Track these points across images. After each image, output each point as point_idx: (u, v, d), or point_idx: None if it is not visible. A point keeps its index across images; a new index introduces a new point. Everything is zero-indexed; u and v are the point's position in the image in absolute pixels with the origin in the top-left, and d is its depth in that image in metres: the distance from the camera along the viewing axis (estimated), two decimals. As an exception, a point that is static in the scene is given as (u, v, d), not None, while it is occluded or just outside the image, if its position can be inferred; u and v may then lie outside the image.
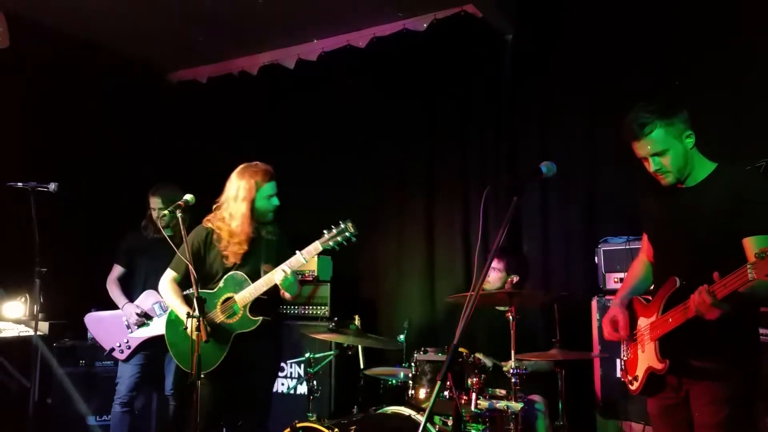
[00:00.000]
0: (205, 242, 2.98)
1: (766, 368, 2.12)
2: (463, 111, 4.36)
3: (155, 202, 3.77)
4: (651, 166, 2.09)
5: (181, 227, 2.71)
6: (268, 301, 2.86)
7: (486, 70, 4.27)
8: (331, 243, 2.68)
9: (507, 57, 4.22)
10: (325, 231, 2.81)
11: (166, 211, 2.79)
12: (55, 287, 3.74)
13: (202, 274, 2.93)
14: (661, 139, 2.03)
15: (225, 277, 2.93)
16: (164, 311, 3.64)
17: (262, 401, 2.94)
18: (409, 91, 4.54)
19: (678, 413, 2.11)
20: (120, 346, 3.69)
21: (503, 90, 4.22)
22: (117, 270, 3.85)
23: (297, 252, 2.78)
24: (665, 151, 2.05)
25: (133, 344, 3.67)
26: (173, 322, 3.01)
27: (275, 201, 2.98)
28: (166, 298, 3.06)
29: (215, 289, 2.94)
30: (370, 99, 4.69)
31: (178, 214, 2.71)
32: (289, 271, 2.72)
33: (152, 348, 3.70)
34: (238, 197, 2.91)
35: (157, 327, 3.66)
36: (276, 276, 2.75)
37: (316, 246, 2.72)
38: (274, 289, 2.84)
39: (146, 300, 3.72)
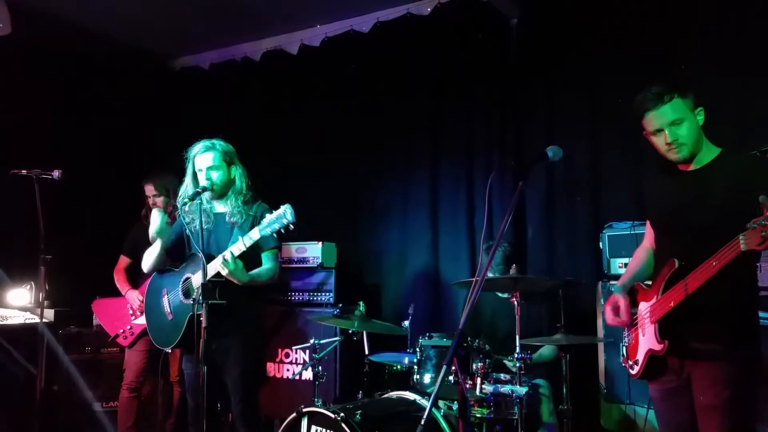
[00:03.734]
0: None
1: (766, 353, 2.13)
2: (467, 96, 4.33)
3: (149, 190, 3.80)
4: (667, 137, 2.08)
5: (200, 211, 2.70)
6: (226, 285, 2.74)
7: (491, 55, 4.23)
8: (268, 230, 2.60)
9: (512, 41, 4.17)
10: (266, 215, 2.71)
11: (186, 198, 2.75)
12: (60, 274, 3.75)
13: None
14: (679, 108, 2.06)
15: (190, 257, 2.93)
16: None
17: (240, 395, 2.84)
18: (414, 77, 4.51)
19: (680, 396, 2.12)
20: (123, 332, 3.73)
21: (508, 75, 4.18)
22: (123, 261, 3.89)
23: (239, 238, 2.71)
24: (682, 121, 2.06)
25: (136, 330, 3.70)
26: (152, 290, 3.04)
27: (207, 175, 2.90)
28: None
29: (179, 268, 2.96)
30: (373, 85, 4.65)
31: (196, 201, 2.71)
32: (229, 257, 2.65)
33: None
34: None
35: None
36: (217, 262, 2.68)
37: (255, 232, 2.65)
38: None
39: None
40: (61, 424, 3.91)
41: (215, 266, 2.68)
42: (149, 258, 2.97)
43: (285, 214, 2.57)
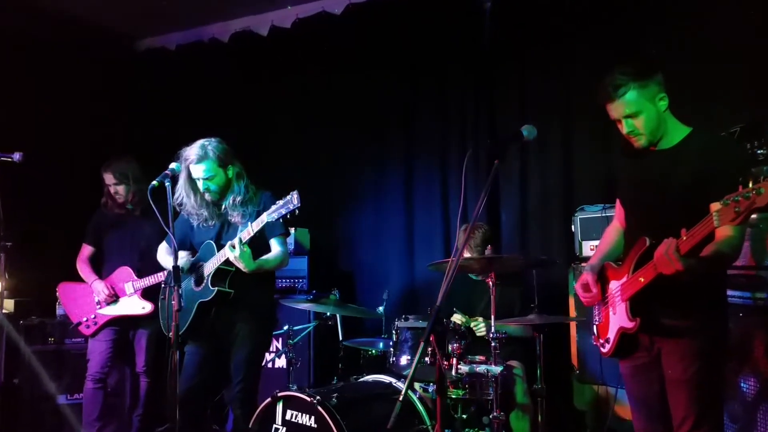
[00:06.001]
0: None
1: (734, 330, 2.19)
2: (441, 79, 4.32)
3: (108, 179, 3.69)
4: (624, 128, 2.11)
5: (170, 197, 2.67)
6: (237, 274, 2.81)
7: (464, 37, 4.21)
8: (275, 215, 2.64)
9: (486, 23, 4.16)
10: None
11: (155, 182, 2.68)
12: (20, 263, 3.62)
13: None
14: (634, 101, 2.05)
15: (203, 244, 2.96)
16: (135, 290, 3.57)
17: (242, 376, 2.87)
18: (387, 60, 4.47)
19: (650, 372, 2.15)
20: (87, 320, 3.63)
21: (482, 58, 4.17)
22: (86, 250, 3.78)
23: (248, 224, 2.78)
24: (638, 113, 2.06)
25: (100, 321, 3.61)
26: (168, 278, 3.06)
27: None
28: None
29: (194, 257, 3.00)
30: (346, 68, 4.60)
31: (166, 184, 2.67)
32: (236, 243, 2.69)
33: (121, 324, 3.65)
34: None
35: (125, 307, 3.61)
36: (226, 250, 2.73)
37: (263, 218, 2.70)
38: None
39: (119, 276, 3.65)
40: (23, 418, 3.79)
41: (224, 253, 2.73)
42: (162, 257, 3.13)
43: (292, 199, 2.61)
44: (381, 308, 3.63)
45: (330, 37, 4.62)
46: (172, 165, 2.78)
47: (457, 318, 3.19)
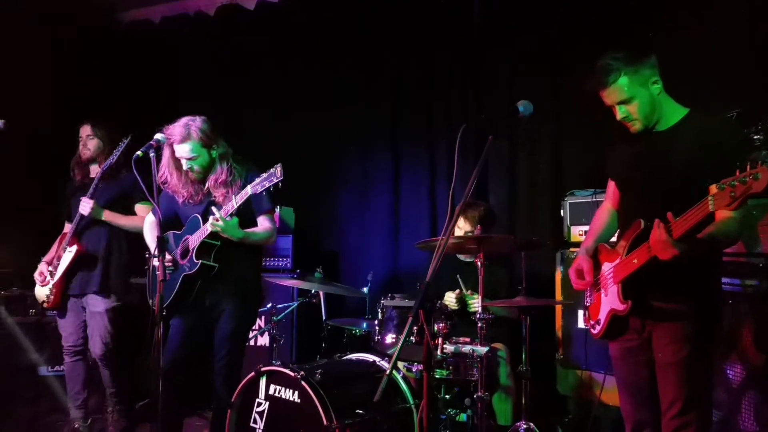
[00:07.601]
0: None
1: (725, 317, 2.18)
2: (429, 60, 4.27)
3: (85, 129, 3.58)
4: (618, 114, 2.11)
5: (154, 168, 2.61)
6: (223, 248, 2.80)
7: (453, 19, 4.14)
8: (259, 188, 2.63)
9: (475, 8, 4.09)
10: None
11: (139, 152, 2.63)
12: (1, 234, 3.53)
13: None
14: (626, 88, 2.05)
15: (190, 219, 2.93)
16: (66, 245, 3.47)
17: (225, 351, 2.86)
18: (376, 38, 4.40)
19: (640, 355, 2.15)
20: (47, 297, 3.51)
21: (470, 40, 4.11)
22: (66, 227, 3.64)
23: (232, 197, 2.76)
24: (631, 99, 2.06)
25: (56, 290, 3.47)
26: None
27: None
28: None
29: (181, 230, 2.95)
30: (334, 45, 4.53)
31: (151, 155, 2.61)
32: (218, 216, 2.67)
33: (76, 293, 3.50)
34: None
35: (62, 264, 3.46)
36: (209, 224, 2.71)
37: (246, 191, 2.68)
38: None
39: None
40: (4, 389, 3.73)
41: (209, 226, 2.70)
42: (148, 236, 3.08)
43: (275, 172, 2.59)
44: (365, 289, 3.61)
45: (320, 13, 4.53)
46: (158, 136, 2.73)
47: (450, 297, 3.16)
